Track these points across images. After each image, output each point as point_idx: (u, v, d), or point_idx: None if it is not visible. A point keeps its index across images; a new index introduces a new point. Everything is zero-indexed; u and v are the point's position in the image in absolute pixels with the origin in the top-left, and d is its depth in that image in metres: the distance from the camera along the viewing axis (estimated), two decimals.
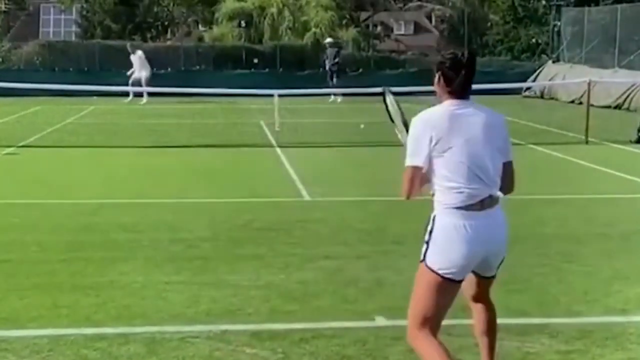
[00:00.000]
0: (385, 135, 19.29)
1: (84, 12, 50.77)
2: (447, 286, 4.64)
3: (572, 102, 30.44)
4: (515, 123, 21.28)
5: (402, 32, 73.35)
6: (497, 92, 29.06)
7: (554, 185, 13.72)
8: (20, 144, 18.58)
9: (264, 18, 43.50)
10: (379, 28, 60.71)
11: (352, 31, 44.96)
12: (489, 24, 52.82)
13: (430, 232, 4.65)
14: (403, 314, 6.66)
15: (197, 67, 39.07)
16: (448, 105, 4.70)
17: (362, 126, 21.75)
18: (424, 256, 4.66)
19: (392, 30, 69.27)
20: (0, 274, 7.99)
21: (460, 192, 4.59)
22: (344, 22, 45.84)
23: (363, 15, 54.08)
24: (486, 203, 4.63)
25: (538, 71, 36.04)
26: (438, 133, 4.60)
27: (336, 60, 33.27)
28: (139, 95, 31.59)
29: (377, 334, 6.25)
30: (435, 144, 4.59)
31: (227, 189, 13.21)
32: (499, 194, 4.70)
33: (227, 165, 15.95)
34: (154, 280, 7.80)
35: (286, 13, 43.53)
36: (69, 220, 10.60)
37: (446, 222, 4.61)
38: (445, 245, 4.60)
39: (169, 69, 36.73)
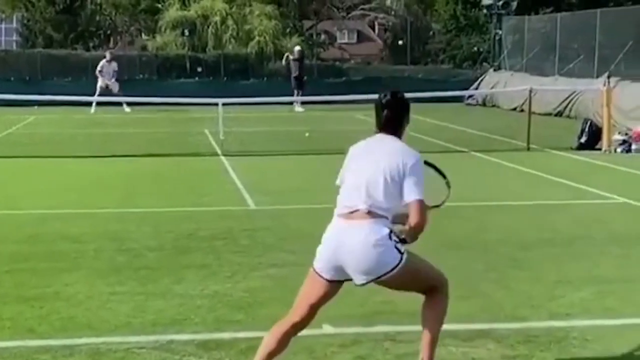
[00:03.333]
0: (330, 143, 19.43)
1: (25, 21, 50.18)
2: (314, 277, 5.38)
3: (514, 109, 30.75)
4: (457, 131, 21.46)
5: (346, 41, 73.77)
6: (440, 100, 29.48)
7: (497, 192, 13.88)
8: None
9: (208, 27, 43.34)
10: (322, 36, 60.86)
11: (296, 40, 44.99)
12: (431, 32, 53.34)
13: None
14: (350, 322, 6.67)
15: (141, 75, 38.82)
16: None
17: (306, 134, 21.81)
18: None
19: (335, 39, 69.58)
20: None
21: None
22: (287, 30, 45.88)
23: (307, 24, 54.18)
24: (354, 215, 5.08)
25: (480, 79, 36.37)
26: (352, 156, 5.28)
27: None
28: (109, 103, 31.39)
29: (324, 342, 6.25)
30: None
31: (172, 198, 13.13)
32: (373, 209, 5.06)
33: (172, 174, 15.83)
34: (98, 290, 7.73)
35: (230, 22, 43.40)
36: (13, 231, 10.47)
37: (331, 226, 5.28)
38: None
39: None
